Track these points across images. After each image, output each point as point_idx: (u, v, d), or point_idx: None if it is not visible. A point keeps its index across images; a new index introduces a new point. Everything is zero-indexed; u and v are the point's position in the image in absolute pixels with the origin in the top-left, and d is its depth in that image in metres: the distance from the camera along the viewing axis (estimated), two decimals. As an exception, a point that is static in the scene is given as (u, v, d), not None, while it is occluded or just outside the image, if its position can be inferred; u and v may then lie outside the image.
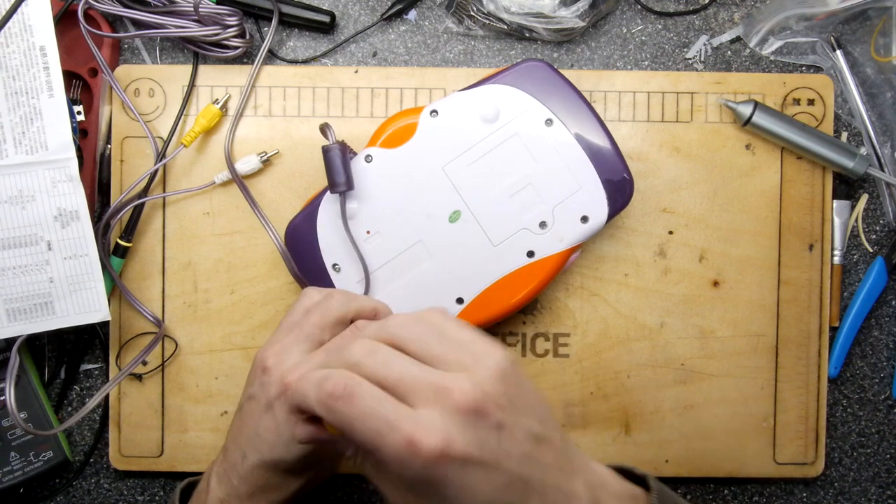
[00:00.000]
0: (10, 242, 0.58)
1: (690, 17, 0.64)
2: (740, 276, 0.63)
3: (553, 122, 0.57)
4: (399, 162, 0.58)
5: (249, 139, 0.63)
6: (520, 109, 0.57)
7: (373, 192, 0.58)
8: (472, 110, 0.58)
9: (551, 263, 0.58)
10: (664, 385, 0.63)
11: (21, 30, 0.57)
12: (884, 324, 0.65)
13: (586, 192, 0.57)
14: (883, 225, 0.65)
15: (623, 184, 0.58)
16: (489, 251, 0.58)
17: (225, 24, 0.60)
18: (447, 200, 0.58)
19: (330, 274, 0.58)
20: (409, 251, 0.58)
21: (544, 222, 0.58)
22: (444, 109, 0.58)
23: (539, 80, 0.57)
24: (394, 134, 0.58)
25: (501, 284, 0.58)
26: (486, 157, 0.58)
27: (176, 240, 0.63)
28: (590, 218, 0.58)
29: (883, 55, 0.62)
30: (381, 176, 0.58)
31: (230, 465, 0.50)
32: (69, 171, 0.58)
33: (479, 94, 0.58)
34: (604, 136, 0.58)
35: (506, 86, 0.58)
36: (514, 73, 0.58)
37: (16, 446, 0.61)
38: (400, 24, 0.64)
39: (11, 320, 0.58)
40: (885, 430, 0.65)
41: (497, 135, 0.58)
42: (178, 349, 0.63)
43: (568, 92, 0.58)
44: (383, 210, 0.58)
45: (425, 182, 0.58)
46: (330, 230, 0.58)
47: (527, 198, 0.58)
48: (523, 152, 0.58)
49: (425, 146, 0.58)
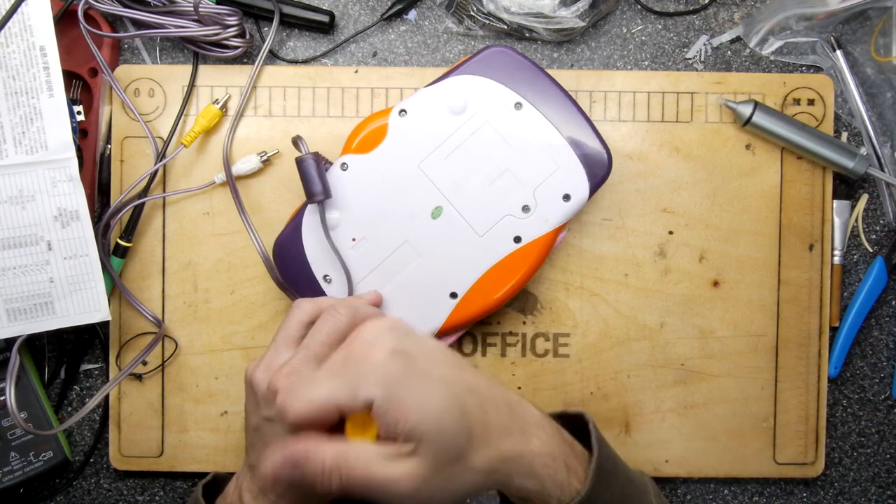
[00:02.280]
0: (10, 242, 0.58)
1: (690, 17, 0.64)
2: (740, 276, 0.63)
3: (522, 105, 0.57)
4: (374, 166, 0.58)
5: (249, 139, 0.63)
6: (488, 97, 0.57)
7: (353, 199, 0.58)
8: (441, 104, 0.57)
9: (539, 246, 0.58)
10: (664, 385, 0.63)
11: (21, 30, 0.57)
12: (884, 324, 0.65)
13: (565, 171, 0.57)
14: (883, 225, 0.65)
15: (600, 157, 0.57)
16: (476, 242, 0.58)
17: (225, 23, 0.60)
18: (427, 197, 0.58)
19: (322, 285, 0.58)
20: (397, 253, 0.58)
21: (527, 206, 0.58)
22: (413, 107, 0.58)
23: (504, 66, 0.57)
24: (365, 138, 0.58)
25: (493, 273, 0.58)
26: (460, 149, 0.57)
27: (176, 240, 0.63)
28: (572, 196, 0.57)
29: (883, 55, 0.62)
30: (359, 182, 0.58)
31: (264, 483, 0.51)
32: (69, 171, 0.58)
33: (445, 88, 0.57)
34: (575, 112, 0.57)
35: (471, 75, 0.57)
36: (477, 61, 0.57)
37: (16, 446, 0.61)
38: (400, 24, 0.64)
39: (11, 320, 0.58)
40: (885, 430, 0.65)
41: (468, 125, 0.57)
42: (178, 349, 0.63)
43: (535, 74, 0.57)
44: (365, 216, 0.58)
45: (403, 182, 0.58)
46: (316, 242, 0.58)
47: (506, 184, 0.57)
48: (497, 139, 0.57)
49: (398, 146, 0.58)
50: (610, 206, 0.63)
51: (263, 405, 0.51)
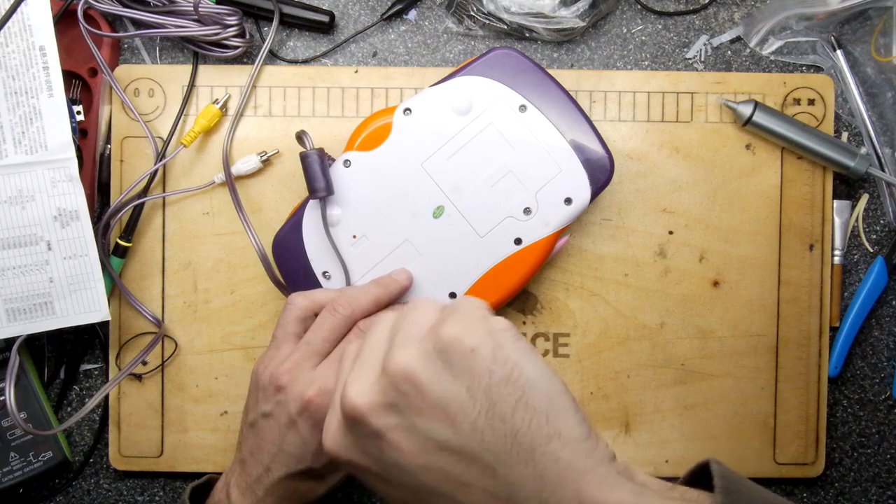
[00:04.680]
0: (9, 242, 0.58)
1: (690, 17, 0.64)
2: (740, 276, 0.63)
3: (527, 107, 0.57)
4: (377, 163, 0.58)
5: (249, 139, 0.63)
6: (492, 98, 0.57)
7: (354, 197, 0.58)
8: (445, 104, 0.57)
9: (539, 249, 0.58)
10: (664, 385, 0.63)
11: (21, 29, 0.57)
12: (884, 324, 0.65)
13: (567, 174, 0.57)
14: (883, 225, 0.65)
15: (603, 161, 0.57)
16: (477, 243, 0.58)
17: (225, 23, 0.60)
18: (429, 197, 0.58)
19: (321, 282, 0.58)
20: (397, 251, 0.58)
21: (528, 208, 0.58)
22: (417, 106, 0.58)
23: (509, 68, 0.57)
24: (370, 136, 0.58)
25: (492, 275, 0.58)
26: (463, 149, 0.57)
27: (176, 240, 0.63)
28: (573, 199, 0.57)
29: (883, 55, 0.62)
30: (361, 179, 0.58)
31: (253, 479, 0.51)
32: (69, 171, 0.58)
33: (450, 88, 0.57)
34: (579, 116, 0.57)
35: (476, 76, 0.57)
36: (483, 63, 0.57)
37: (15, 446, 0.61)
38: (400, 24, 0.64)
39: (11, 320, 0.58)
40: (886, 431, 0.65)
41: (472, 126, 0.57)
42: (178, 349, 0.63)
43: (539, 77, 0.57)
44: (367, 213, 0.58)
45: (406, 181, 0.58)
46: (316, 238, 0.58)
47: (509, 186, 0.58)
48: (500, 140, 0.57)
49: (402, 145, 0.58)
50: (610, 206, 0.63)
51: (262, 399, 0.52)
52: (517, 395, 0.36)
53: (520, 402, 0.36)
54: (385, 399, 0.37)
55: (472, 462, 0.36)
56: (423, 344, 0.37)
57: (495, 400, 0.36)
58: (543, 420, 0.36)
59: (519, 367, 0.37)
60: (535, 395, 0.37)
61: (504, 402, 0.36)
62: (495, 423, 0.36)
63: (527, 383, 0.37)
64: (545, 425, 0.36)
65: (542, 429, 0.36)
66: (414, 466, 0.37)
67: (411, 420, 0.36)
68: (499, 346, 0.37)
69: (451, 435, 0.36)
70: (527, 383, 0.37)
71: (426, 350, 0.37)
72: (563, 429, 0.36)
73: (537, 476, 0.36)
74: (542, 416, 0.36)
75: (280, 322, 0.54)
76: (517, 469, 0.36)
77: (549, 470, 0.36)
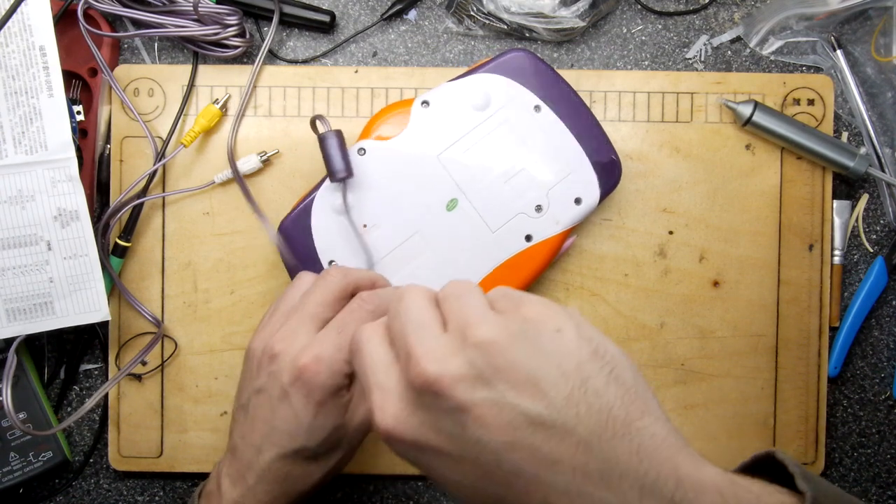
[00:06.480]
0: (9, 242, 0.58)
1: (690, 17, 0.64)
2: (740, 276, 0.63)
3: (541, 108, 0.58)
4: (393, 153, 0.58)
5: (249, 139, 0.62)
6: (509, 97, 0.58)
7: (368, 185, 0.58)
8: (464, 99, 0.58)
9: (549, 246, 0.58)
10: (664, 385, 0.63)
11: (21, 29, 0.57)
12: (884, 324, 0.65)
13: (578, 175, 0.58)
14: (883, 225, 0.65)
15: (611, 165, 0.59)
16: (488, 237, 0.58)
17: (225, 23, 0.60)
18: (443, 189, 0.58)
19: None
20: (408, 243, 0.58)
21: (540, 206, 0.58)
22: (436, 100, 0.58)
23: (525, 69, 0.58)
24: (386, 126, 0.58)
25: (502, 270, 0.58)
26: (479, 144, 0.58)
27: (175, 240, 0.63)
28: (583, 199, 0.58)
29: (883, 55, 0.62)
30: (376, 168, 0.58)
31: (243, 465, 0.49)
32: (69, 171, 0.58)
33: (468, 84, 0.58)
34: (590, 120, 0.58)
35: (494, 74, 0.58)
36: (500, 62, 0.58)
37: (15, 446, 0.61)
38: (400, 24, 0.64)
39: (11, 320, 0.58)
40: (886, 431, 0.65)
41: (489, 122, 0.58)
42: (178, 349, 0.63)
43: (554, 79, 0.58)
44: (379, 202, 0.58)
45: (421, 172, 0.58)
46: (325, 226, 0.58)
47: (521, 183, 0.58)
48: (515, 138, 0.58)
49: (419, 136, 0.58)
50: (610, 206, 0.63)
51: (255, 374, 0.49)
52: (607, 370, 0.36)
53: (610, 376, 0.36)
54: (473, 371, 0.35)
55: (565, 437, 0.35)
56: (507, 321, 0.36)
57: (588, 375, 0.35)
58: (634, 395, 0.36)
59: (604, 344, 0.37)
60: (622, 370, 0.36)
61: (597, 378, 0.36)
62: (590, 398, 0.35)
63: (613, 359, 0.37)
64: (637, 400, 0.36)
65: (634, 403, 0.36)
66: (499, 443, 0.35)
67: (502, 393, 0.35)
68: (580, 325, 0.37)
69: (543, 409, 0.35)
70: (613, 359, 0.37)
71: (511, 329, 0.36)
72: (651, 405, 0.36)
73: (633, 451, 0.35)
74: (632, 391, 0.36)
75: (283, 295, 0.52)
76: (613, 444, 0.35)
77: (646, 445, 0.35)
